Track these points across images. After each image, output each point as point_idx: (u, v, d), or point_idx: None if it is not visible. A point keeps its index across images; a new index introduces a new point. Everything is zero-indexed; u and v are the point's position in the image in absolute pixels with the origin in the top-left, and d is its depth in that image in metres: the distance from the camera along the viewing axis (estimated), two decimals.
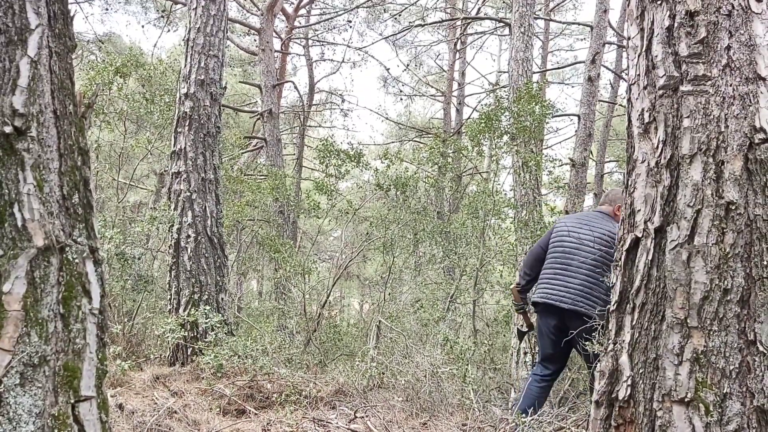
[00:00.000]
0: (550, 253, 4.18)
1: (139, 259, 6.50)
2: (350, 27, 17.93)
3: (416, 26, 14.69)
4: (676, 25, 2.15)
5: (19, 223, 1.40)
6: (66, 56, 1.64)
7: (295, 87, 15.53)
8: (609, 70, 15.35)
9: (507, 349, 7.28)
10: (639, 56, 2.27)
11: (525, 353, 7.08)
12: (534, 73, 11.41)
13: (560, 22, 17.99)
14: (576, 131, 13.65)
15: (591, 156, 14.61)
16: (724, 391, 1.85)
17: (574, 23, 16.75)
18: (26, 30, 1.50)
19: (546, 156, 10.23)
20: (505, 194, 9.36)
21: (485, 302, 9.02)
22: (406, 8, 16.86)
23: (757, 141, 1.94)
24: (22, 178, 1.43)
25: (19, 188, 1.42)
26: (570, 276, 3.95)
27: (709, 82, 2.05)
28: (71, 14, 1.70)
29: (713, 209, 1.95)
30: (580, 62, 15.95)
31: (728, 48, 2.05)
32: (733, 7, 2.07)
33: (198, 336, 5.98)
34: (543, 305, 4.06)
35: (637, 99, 2.26)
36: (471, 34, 18.66)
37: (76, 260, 1.52)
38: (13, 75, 1.45)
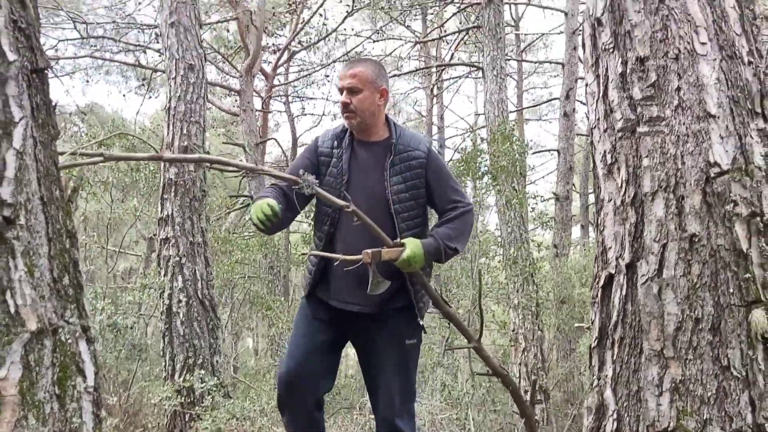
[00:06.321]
0: None
1: (131, 328, 6.49)
2: (328, 81, 18.25)
3: (392, 76, 15.02)
4: (628, 70, 2.27)
5: (12, 310, 1.45)
6: (50, 144, 1.71)
7: (278, 144, 15.70)
8: (583, 104, 15.67)
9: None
10: (597, 101, 2.39)
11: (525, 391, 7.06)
12: (510, 112, 11.65)
13: (531, 62, 18.42)
14: (557, 165, 13.89)
15: (574, 188, 14.82)
16: (704, 417, 1.90)
17: (545, 62, 17.18)
18: (11, 123, 1.57)
19: (529, 192, 10.35)
20: (492, 233, 9.43)
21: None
22: (382, 59, 17.23)
23: (713, 175, 2.04)
24: (13, 265, 1.48)
25: (11, 275, 1.47)
26: None
27: (664, 122, 2.16)
28: (53, 104, 1.78)
29: (678, 242, 2.03)
30: (555, 98, 16.31)
31: (678, 89, 2.16)
32: (679, 51, 2.20)
33: (195, 401, 5.93)
34: None
35: (599, 142, 2.36)
36: (446, 80, 19.05)
37: (69, 340, 1.57)
38: (0, 167, 1.52)
